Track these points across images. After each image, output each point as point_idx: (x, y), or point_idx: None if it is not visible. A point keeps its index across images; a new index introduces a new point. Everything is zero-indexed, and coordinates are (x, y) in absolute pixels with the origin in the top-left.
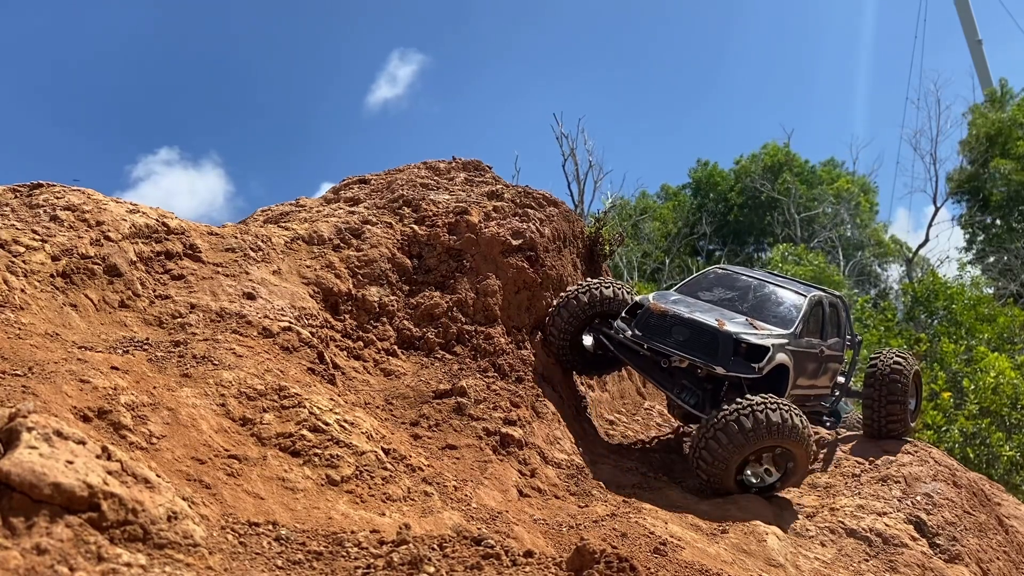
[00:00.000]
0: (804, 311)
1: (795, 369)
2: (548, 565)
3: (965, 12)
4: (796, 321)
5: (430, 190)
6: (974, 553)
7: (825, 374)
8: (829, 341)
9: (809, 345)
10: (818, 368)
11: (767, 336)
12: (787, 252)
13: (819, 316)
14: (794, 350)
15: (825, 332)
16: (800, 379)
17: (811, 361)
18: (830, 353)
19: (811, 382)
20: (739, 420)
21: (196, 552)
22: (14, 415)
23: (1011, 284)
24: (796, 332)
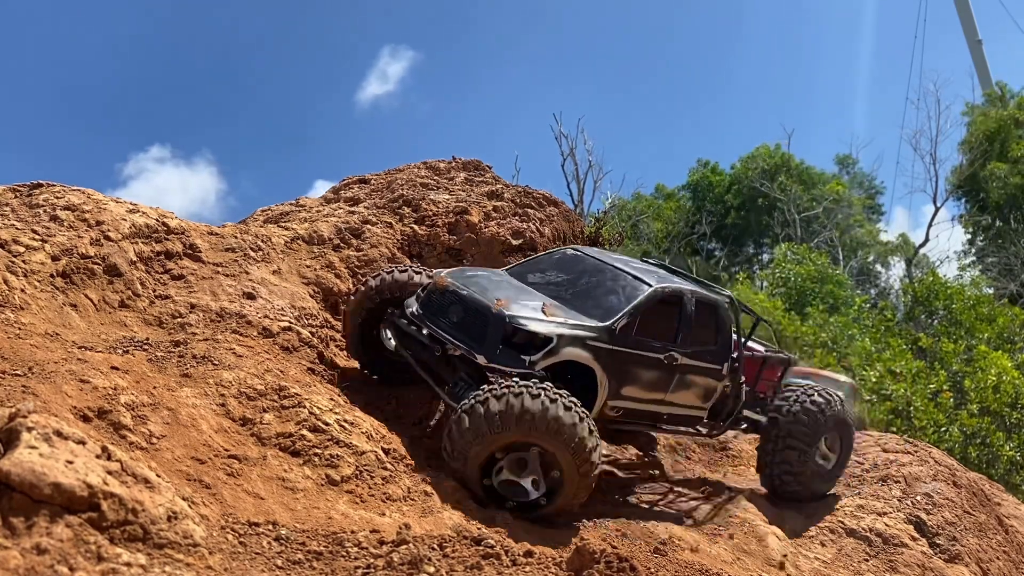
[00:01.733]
0: (638, 303)
1: (611, 373)
2: (548, 565)
3: (965, 12)
4: (621, 313)
5: (430, 190)
6: (974, 553)
7: (685, 389)
8: (690, 348)
9: (645, 347)
10: (665, 380)
11: (558, 324)
12: (789, 251)
13: (672, 315)
14: (610, 349)
15: (683, 336)
16: (626, 388)
17: (647, 368)
18: (693, 364)
19: (652, 395)
20: (486, 403)
21: (196, 552)
22: (14, 415)
23: (1011, 284)
24: (616, 327)
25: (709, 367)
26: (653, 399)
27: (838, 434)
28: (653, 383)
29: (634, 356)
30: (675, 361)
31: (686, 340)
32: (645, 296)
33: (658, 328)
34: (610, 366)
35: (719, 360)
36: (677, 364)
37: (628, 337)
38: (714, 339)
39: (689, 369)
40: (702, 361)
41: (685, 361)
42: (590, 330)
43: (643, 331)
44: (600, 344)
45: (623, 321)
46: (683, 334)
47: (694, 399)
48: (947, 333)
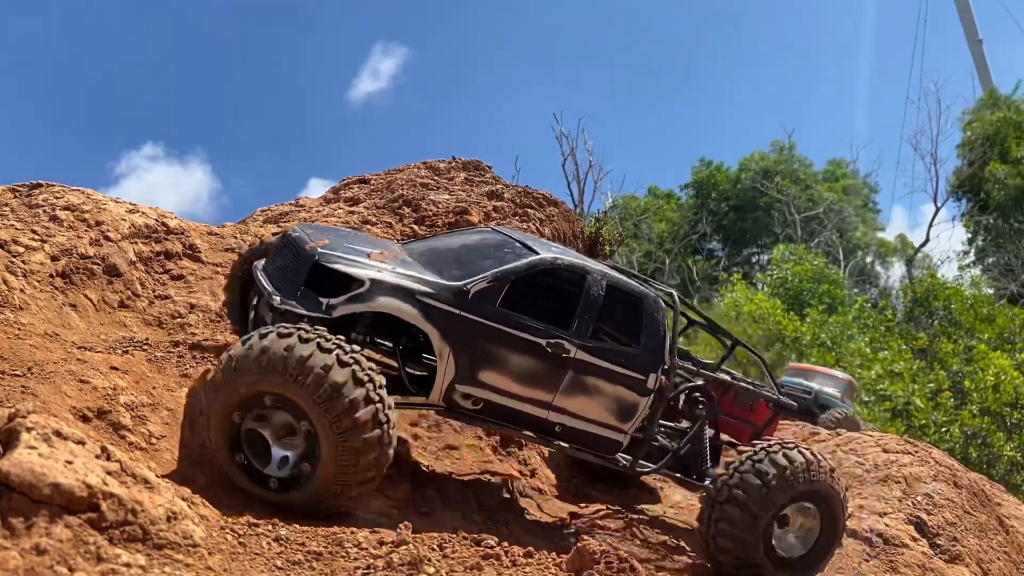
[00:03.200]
0: (509, 268)
1: (458, 346)
2: (548, 566)
3: (965, 12)
4: (480, 275)
5: (430, 190)
6: (974, 553)
7: (586, 396)
8: (594, 343)
9: (514, 324)
10: (551, 376)
11: (379, 270)
12: (787, 252)
13: (568, 296)
14: (457, 314)
15: (580, 325)
16: (486, 372)
17: (520, 353)
18: (597, 364)
19: (531, 393)
20: (249, 343)
21: (196, 552)
22: (14, 415)
23: (1011, 284)
24: (469, 289)
25: (624, 373)
26: (534, 399)
27: (818, 508)
28: (532, 376)
29: (496, 332)
30: (565, 353)
31: (586, 331)
32: (524, 263)
33: (542, 307)
34: (456, 336)
35: (642, 368)
36: (570, 358)
37: (488, 307)
38: (635, 339)
39: (591, 369)
40: (613, 363)
41: (583, 357)
42: (429, 286)
43: (517, 306)
44: (440, 305)
45: (481, 285)
46: (582, 322)
47: (603, 413)
48: (946, 333)
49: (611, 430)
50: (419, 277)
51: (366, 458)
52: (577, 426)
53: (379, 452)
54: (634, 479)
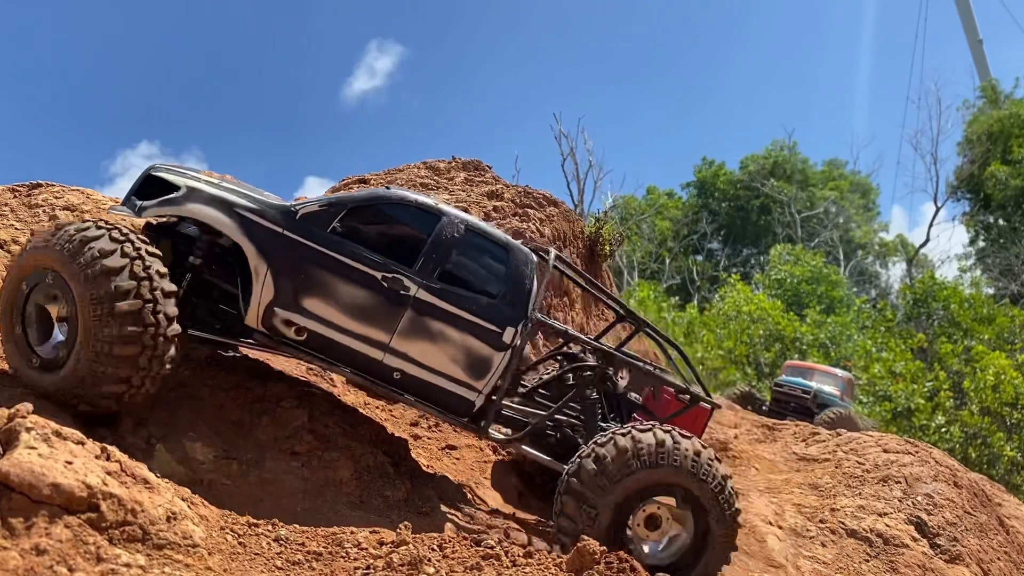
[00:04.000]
0: (349, 196)
1: (278, 267)
2: (548, 565)
3: (966, 12)
4: (315, 200)
5: (430, 190)
6: (975, 553)
7: (429, 341)
8: (441, 285)
9: (347, 252)
10: (388, 314)
11: (204, 182)
12: (784, 252)
13: (417, 232)
14: (280, 234)
15: (428, 264)
16: (310, 300)
17: (351, 284)
18: (443, 308)
19: (364, 329)
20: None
21: (195, 552)
22: (13, 415)
23: (1012, 284)
24: (298, 211)
25: (476, 322)
26: (368, 337)
27: (685, 503)
28: (364, 311)
29: (323, 257)
30: (404, 290)
31: (432, 271)
32: (366, 194)
33: (386, 243)
34: (276, 255)
35: (498, 320)
36: (410, 297)
37: (317, 231)
38: (494, 289)
39: (435, 312)
40: (463, 310)
41: (426, 298)
42: (253, 203)
43: (355, 236)
44: (260, 220)
45: (312, 208)
46: (429, 262)
47: (450, 364)
48: (946, 334)
49: (461, 386)
50: (246, 194)
51: (121, 351)
52: (421, 375)
53: (140, 352)
54: None
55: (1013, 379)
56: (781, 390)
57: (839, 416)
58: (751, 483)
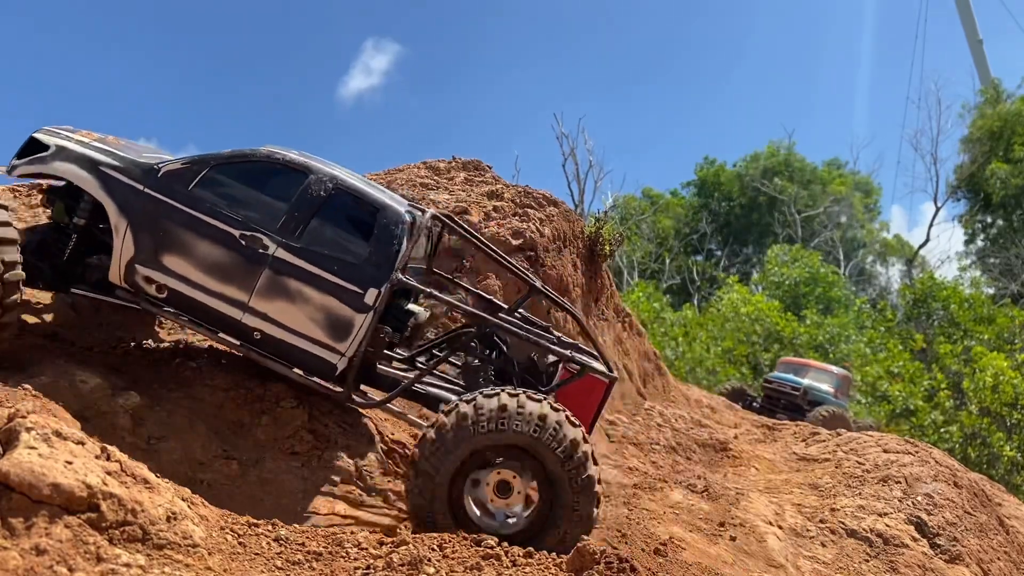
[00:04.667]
0: (216, 155)
1: (139, 224)
2: (548, 566)
3: (966, 12)
4: (179, 158)
5: (430, 190)
6: (975, 553)
7: (289, 301)
8: (302, 244)
9: (206, 210)
10: (246, 272)
11: (75, 142)
12: (781, 253)
13: (281, 190)
14: (141, 191)
15: (290, 223)
16: (169, 257)
17: (209, 242)
18: (303, 268)
19: (222, 287)
20: None
21: (195, 552)
22: (13, 415)
23: (1012, 284)
24: (161, 168)
25: (336, 283)
26: (227, 296)
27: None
28: (223, 269)
29: (182, 214)
30: (263, 249)
31: (294, 230)
32: (232, 151)
33: (248, 198)
34: (136, 212)
35: (360, 280)
36: (268, 255)
37: (178, 188)
38: (360, 250)
39: (294, 272)
40: (323, 269)
41: (285, 257)
42: (119, 160)
43: (218, 193)
44: (121, 177)
45: (174, 166)
46: (291, 221)
47: (310, 325)
48: (945, 334)
49: (323, 348)
50: (113, 153)
51: None
52: (281, 337)
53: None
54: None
55: (1012, 379)
56: (771, 387)
57: (831, 415)
58: (751, 483)
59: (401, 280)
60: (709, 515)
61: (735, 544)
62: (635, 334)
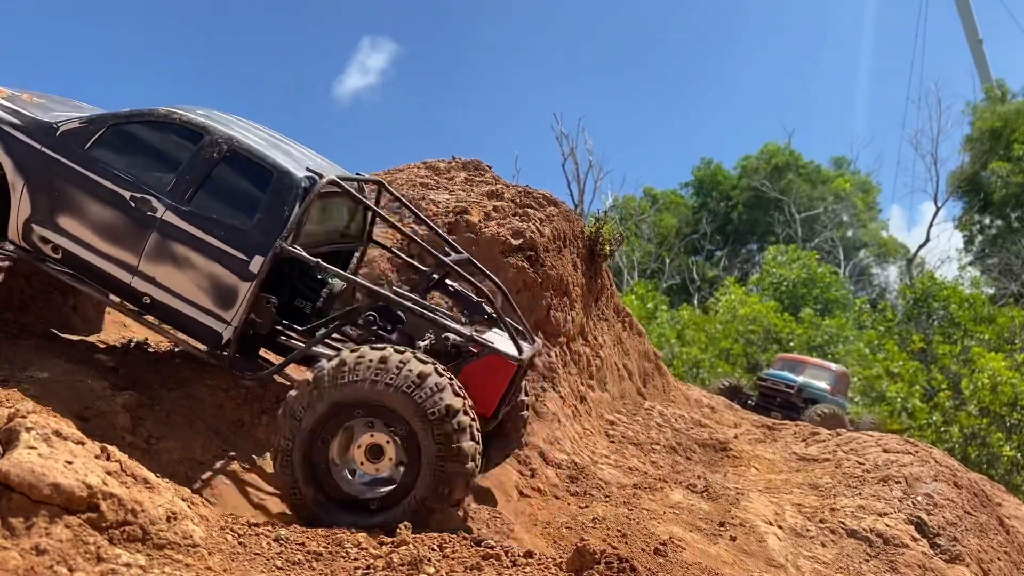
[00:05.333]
0: (114, 114)
1: (36, 184)
2: (548, 566)
3: (966, 12)
4: (77, 117)
5: (430, 190)
6: (975, 553)
7: (174, 266)
8: (191, 207)
9: (100, 171)
10: (135, 234)
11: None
12: (779, 253)
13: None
14: (39, 150)
15: (181, 185)
16: (64, 218)
17: (101, 203)
18: (189, 231)
19: (113, 250)
20: None
21: (195, 552)
22: (13, 415)
23: (1012, 284)
24: (59, 127)
25: (222, 248)
26: (117, 258)
27: (395, 430)
28: (113, 231)
29: (76, 175)
30: (152, 211)
31: (184, 192)
32: (130, 110)
33: (145, 160)
34: (32, 171)
35: (246, 247)
36: (156, 218)
37: (75, 148)
38: (250, 215)
39: (181, 236)
40: (210, 234)
41: (173, 220)
42: (20, 118)
43: (114, 154)
44: (19, 135)
45: (72, 125)
46: (182, 183)
47: (196, 292)
48: (945, 334)
49: (208, 315)
50: (17, 111)
51: None
52: (169, 302)
53: None
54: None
55: (1011, 379)
56: (765, 384)
57: (827, 415)
58: (751, 483)
59: (286, 248)
60: (709, 515)
61: (735, 544)
62: (635, 334)
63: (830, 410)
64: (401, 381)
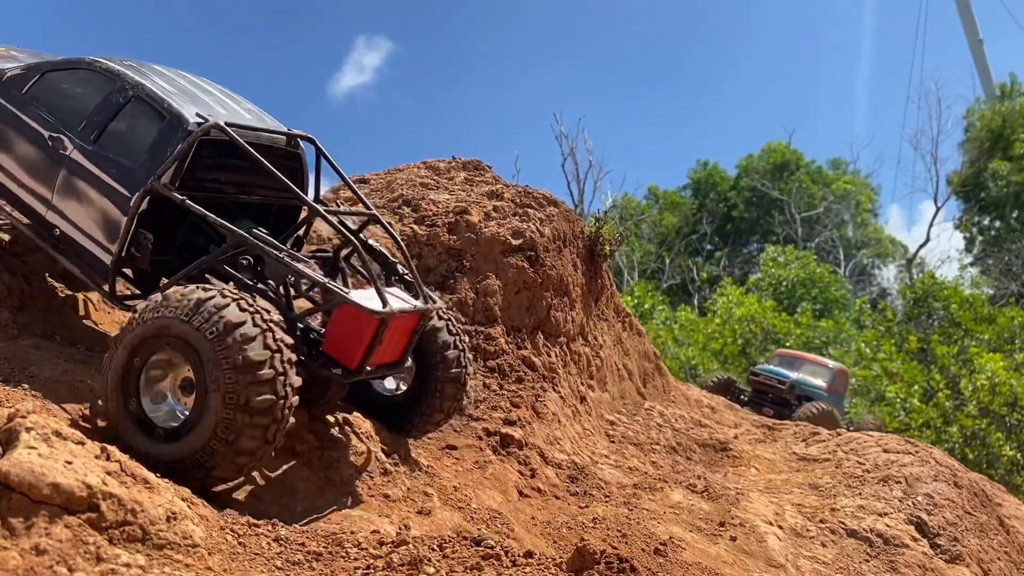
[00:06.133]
0: (48, 62)
1: None
2: (548, 566)
3: (966, 12)
4: (20, 65)
5: (430, 190)
6: (975, 553)
7: (77, 202)
8: (95, 148)
9: (31, 114)
10: (48, 172)
11: None
12: (777, 253)
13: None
14: None
15: (90, 127)
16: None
17: (26, 142)
18: (88, 169)
19: (32, 184)
20: None
21: (195, 552)
22: (13, 415)
23: (1012, 284)
24: (6, 74)
25: (112, 186)
26: (36, 192)
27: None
28: (33, 167)
29: (10, 115)
30: (63, 150)
31: (91, 133)
32: (61, 59)
33: (69, 103)
34: None
35: (131, 185)
36: (66, 156)
37: (14, 92)
38: (138, 156)
39: (83, 173)
40: (105, 172)
41: (78, 158)
42: None
43: (46, 98)
44: None
45: (16, 71)
46: (91, 124)
47: (92, 225)
48: (945, 334)
49: (99, 247)
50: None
51: None
52: (72, 235)
53: None
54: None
55: (1009, 379)
56: (757, 379)
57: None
58: (751, 483)
59: (157, 186)
60: (709, 515)
61: (735, 544)
62: (635, 334)
63: (822, 408)
64: (181, 309)
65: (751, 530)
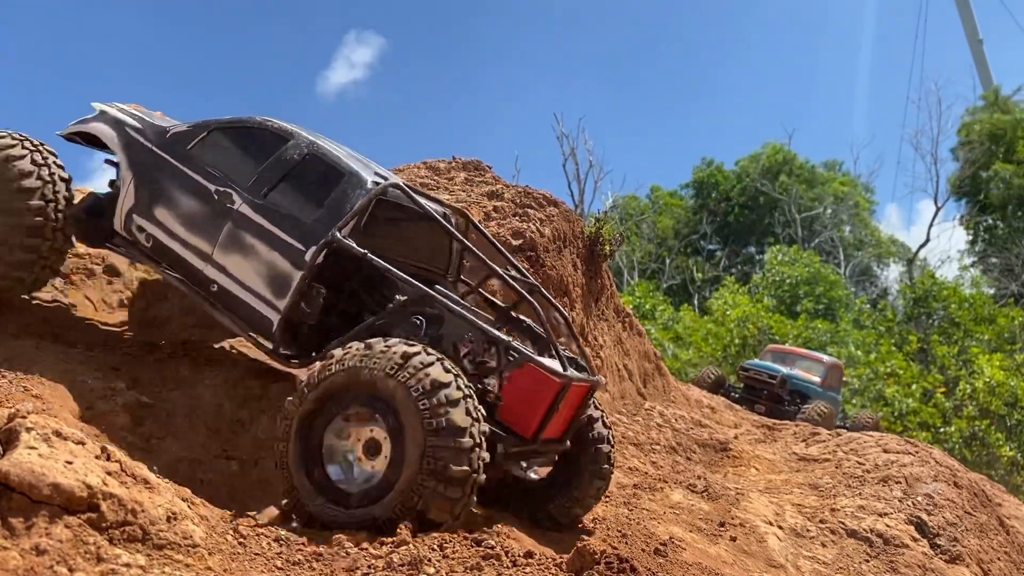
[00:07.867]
0: (216, 121)
1: (142, 178)
2: (548, 566)
3: (966, 12)
4: (188, 123)
5: (430, 190)
6: (975, 554)
7: (241, 255)
8: (266, 204)
9: (196, 167)
10: (212, 224)
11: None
12: (779, 253)
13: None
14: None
15: (261, 181)
16: (160, 209)
17: (190, 195)
18: (258, 222)
19: (194, 239)
20: None
21: (195, 553)
22: (13, 415)
23: (1012, 284)
24: (170, 130)
25: (284, 239)
26: (196, 247)
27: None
28: (195, 222)
29: (175, 170)
30: (230, 203)
31: (261, 188)
32: (231, 117)
33: (236, 160)
34: (141, 167)
35: (305, 238)
36: (233, 210)
37: (179, 149)
38: (315, 209)
39: (251, 227)
40: (276, 226)
41: (246, 212)
42: (144, 124)
43: (211, 154)
44: (138, 137)
45: (181, 128)
46: (261, 180)
47: (256, 279)
48: (946, 334)
49: (263, 303)
50: (140, 118)
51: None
52: (233, 289)
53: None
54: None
55: (1007, 380)
56: (747, 374)
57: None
58: (751, 483)
59: (338, 238)
60: (709, 515)
61: (735, 544)
62: (635, 334)
63: (822, 412)
64: (385, 363)
65: (751, 530)
